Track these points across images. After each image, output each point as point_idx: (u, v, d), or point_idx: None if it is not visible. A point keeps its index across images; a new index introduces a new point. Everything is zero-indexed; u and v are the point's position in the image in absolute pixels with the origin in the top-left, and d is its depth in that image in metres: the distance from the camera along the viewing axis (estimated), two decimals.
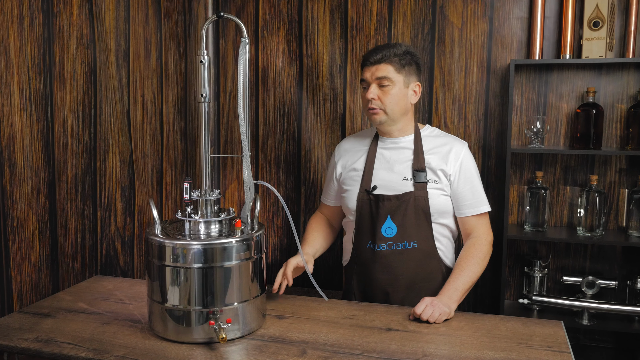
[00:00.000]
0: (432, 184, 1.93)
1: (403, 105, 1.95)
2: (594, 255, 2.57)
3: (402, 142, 2.00)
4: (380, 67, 1.91)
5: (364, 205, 1.98)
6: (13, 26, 1.88)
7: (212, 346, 1.58)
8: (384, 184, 1.96)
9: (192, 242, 1.57)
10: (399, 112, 1.95)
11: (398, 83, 1.92)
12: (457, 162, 1.94)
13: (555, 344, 1.59)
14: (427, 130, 2.04)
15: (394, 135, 2.01)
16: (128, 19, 2.40)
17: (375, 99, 1.91)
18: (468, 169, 1.95)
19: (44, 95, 2.04)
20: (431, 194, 1.92)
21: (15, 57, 1.90)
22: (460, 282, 1.85)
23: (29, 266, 2.00)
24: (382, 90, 1.92)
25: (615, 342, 2.59)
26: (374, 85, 1.92)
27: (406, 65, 1.93)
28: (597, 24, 2.38)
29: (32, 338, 1.63)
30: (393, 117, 1.95)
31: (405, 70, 1.93)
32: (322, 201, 2.22)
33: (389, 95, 1.91)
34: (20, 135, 1.94)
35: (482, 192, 1.97)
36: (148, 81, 2.52)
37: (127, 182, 2.45)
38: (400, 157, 1.99)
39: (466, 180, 1.94)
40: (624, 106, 2.47)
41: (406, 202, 1.91)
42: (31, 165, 1.99)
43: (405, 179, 1.95)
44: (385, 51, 1.91)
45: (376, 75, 1.91)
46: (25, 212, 1.97)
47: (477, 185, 1.96)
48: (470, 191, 1.94)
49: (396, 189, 1.94)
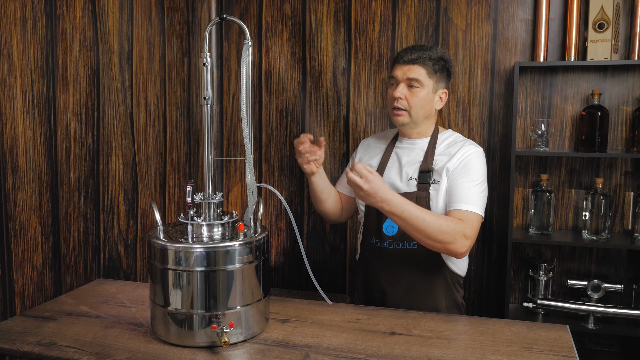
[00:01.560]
0: (435, 184, 1.91)
1: (428, 110, 1.95)
2: (599, 259, 2.55)
3: (417, 144, 2.01)
4: (413, 68, 1.90)
5: None
6: (16, 29, 1.88)
7: (215, 350, 1.57)
8: (391, 182, 1.97)
9: (194, 245, 1.56)
10: (423, 116, 1.95)
11: (427, 87, 1.91)
12: (461, 158, 1.89)
13: (561, 348, 1.58)
14: (446, 134, 2.03)
15: (411, 137, 2.02)
16: (131, 21, 2.40)
17: (402, 99, 1.91)
18: (469, 167, 1.87)
19: (46, 97, 2.04)
20: (433, 195, 1.90)
21: (18, 59, 1.89)
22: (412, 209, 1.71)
23: (32, 269, 1.99)
24: (410, 91, 1.91)
25: (621, 346, 2.57)
26: (403, 84, 1.91)
27: (438, 71, 1.92)
28: (602, 25, 2.36)
29: (34, 342, 1.62)
30: (416, 120, 1.95)
31: (436, 76, 1.93)
32: (336, 187, 2.22)
33: (416, 97, 1.91)
34: (23, 138, 1.93)
35: (476, 193, 1.84)
36: (151, 84, 2.52)
37: (130, 185, 2.45)
38: (412, 158, 1.99)
39: (462, 176, 1.85)
40: (630, 108, 2.45)
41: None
42: (34, 168, 1.98)
43: (411, 179, 1.94)
44: (421, 52, 1.90)
45: (407, 75, 1.90)
46: (28, 215, 1.97)
47: (471, 184, 1.85)
48: (464, 187, 1.84)
49: (400, 188, 1.95)
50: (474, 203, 1.82)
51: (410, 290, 1.96)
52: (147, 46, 2.49)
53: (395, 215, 1.70)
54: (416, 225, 1.71)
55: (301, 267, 2.82)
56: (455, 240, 1.74)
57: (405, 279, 1.95)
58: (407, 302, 1.94)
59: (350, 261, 2.71)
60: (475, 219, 1.81)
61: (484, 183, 1.89)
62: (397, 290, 1.97)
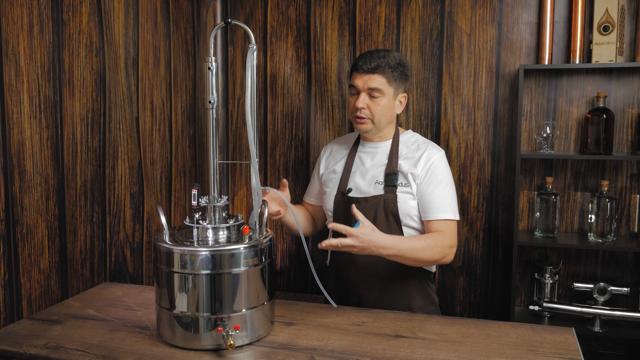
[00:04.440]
0: (402, 187, 1.94)
1: (390, 116, 1.99)
2: (605, 262, 2.55)
3: (380, 147, 2.04)
4: (373, 78, 1.91)
5: (339, 207, 2.03)
6: (23, 34, 1.90)
7: (220, 353, 1.57)
8: (357, 187, 2.01)
9: (200, 249, 1.57)
10: (385, 122, 1.99)
11: (388, 95, 1.94)
12: (427, 165, 1.94)
13: (567, 351, 1.58)
14: (406, 135, 2.07)
15: (373, 140, 2.05)
16: (137, 26, 2.41)
17: (364, 108, 1.93)
18: (436, 174, 1.93)
19: (53, 102, 2.05)
20: (400, 197, 1.93)
21: (25, 64, 1.91)
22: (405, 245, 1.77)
23: (38, 273, 2.00)
24: (372, 100, 1.93)
25: (627, 350, 2.55)
26: (364, 94, 1.93)
27: (397, 78, 1.95)
28: (607, 28, 2.36)
29: (40, 344, 1.63)
30: (379, 127, 1.98)
31: (396, 83, 1.95)
32: (305, 199, 2.28)
33: (378, 106, 1.94)
34: (30, 142, 1.94)
35: (448, 199, 1.92)
36: (157, 88, 2.53)
37: (136, 189, 2.46)
38: (375, 161, 2.02)
39: (432, 184, 1.92)
40: (635, 111, 2.45)
41: (375, 204, 1.94)
42: (40, 172, 1.99)
43: (377, 182, 1.97)
44: (380, 60, 1.91)
45: (368, 85, 1.92)
46: (35, 219, 1.98)
47: (443, 191, 1.91)
48: (433, 195, 1.91)
49: (367, 192, 1.98)
50: (449, 210, 1.91)
51: (384, 292, 1.99)
52: (152, 51, 2.50)
53: (393, 256, 1.77)
54: (412, 257, 1.79)
55: (307, 271, 2.82)
56: (446, 254, 1.86)
57: (378, 281, 1.99)
58: (382, 304, 1.98)
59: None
60: (453, 225, 1.92)
61: (452, 185, 1.97)
62: (371, 292, 2.00)
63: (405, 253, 1.76)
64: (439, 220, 1.90)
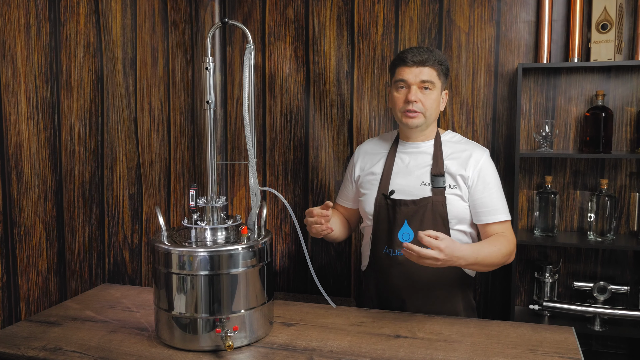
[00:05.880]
0: (451, 189, 1.90)
1: (437, 112, 1.95)
2: (605, 260, 2.54)
3: (422, 147, 1.98)
4: (424, 70, 1.88)
5: (381, 210, 1.95)
6: (20, 35, 1.89)
7: (219, 354, 1.57)
8: (401, 188, 1.93)
9: (198, 250, 1.56)
10: (434, 117, 1.95)
11: (437, 89, 1.91)
12: (476, 168, 1.90)
13: (566, 350, 1.57)
14: (447, 135, 2.02)
15: (416, 140, 2.00)
16: (135, 27, 2.41)
17: (417, 102, 1.88)
18: (487, 176, 1.91)
19: (51, 103, 2.04)
20: (449, 199, 1.89)
21: (22, 65, 1.90)
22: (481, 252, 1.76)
23: (37, 274, 2.00)
24: (423, 93, 1.89)
25: (628, 348, 2.55)
26: (415, 87, 1.88)
27: (443, 72, 1.93)
28: (605, 26, 2.36)
29: (39, 347, 1.63)
30: (429, 122, 1.94)
31: (442, 77, 1.93)
32: (338, 202, 2.19)
33: (430, 99, 1.90)
34: (28, 143, 1.94)
35: (501, 200, 1.92)
36: (155, 89, 2.53)
37: (134, 190, 2.45)
38: (419, 161, 1.96)
39: (484, 187, 1.90)
40: (634, 109, 2.44)
41: (424, 207, 1.88)
42: (38, 173, 1.99)
43: (424, 183, 1.92)
44: (429, 54, 1.89)
45: (420, 78, 1.88)
46: (33, 220, 1.97)
47: (495, 193, 1.91)
48: (489, 198, 1.89)
49: (414, 194, 1.91)
50: (504, 211, 1.92)
51: (429, 297, 1.93)
52: (150, 51, 2.50)
53: (471, 265, 1.75)
54: (487, 263, 1.79)
55: (306, 271, 2.81)
56: (512, 254, 1.87)
57: (424, 285, 1.92)
58: (427, 309, 1.91)
59: (355, 265, 2.71)
60: (510, 225, 1.94)
61: (500, 185, 1.97)
62: (417, 297, 1.93)
63: (481, 260, 1.75)
64: (497, 223, 1.89)
